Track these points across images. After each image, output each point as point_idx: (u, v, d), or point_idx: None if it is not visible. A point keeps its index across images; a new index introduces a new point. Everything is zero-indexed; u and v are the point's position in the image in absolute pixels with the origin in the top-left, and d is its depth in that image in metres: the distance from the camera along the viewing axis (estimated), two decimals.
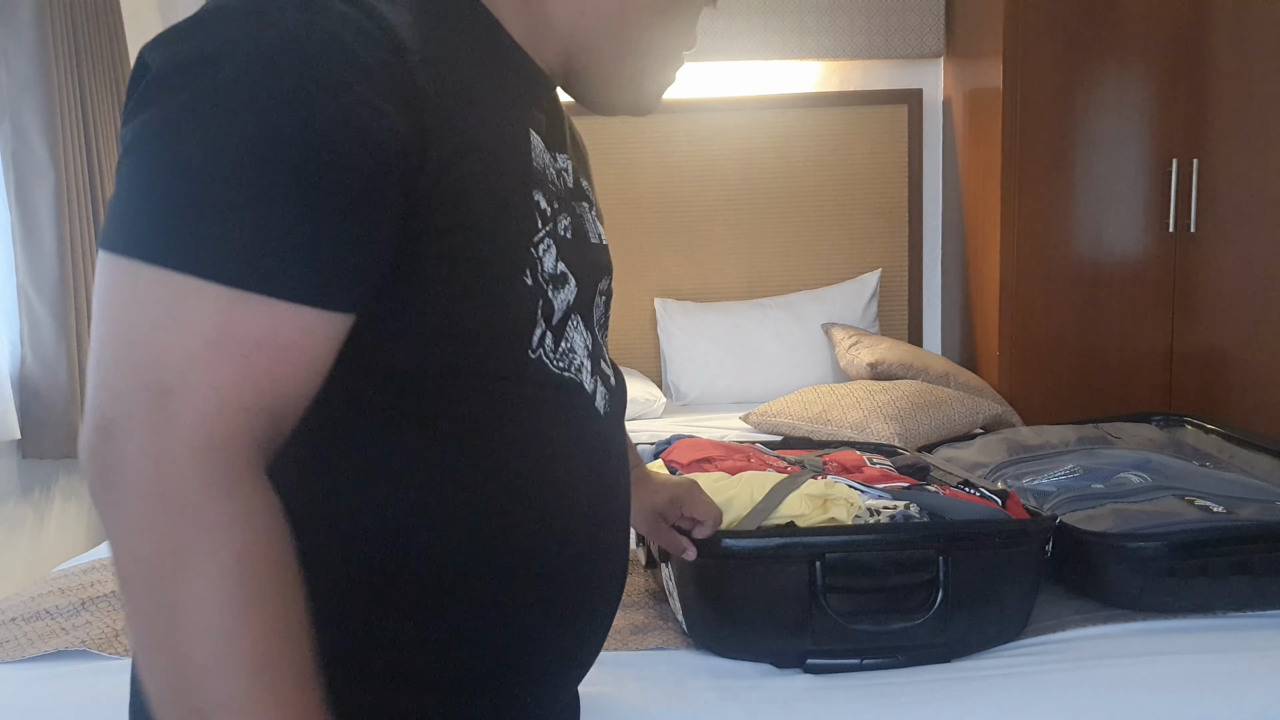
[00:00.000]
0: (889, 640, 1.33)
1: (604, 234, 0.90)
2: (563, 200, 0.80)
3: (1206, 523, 1.50)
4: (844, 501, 1.38)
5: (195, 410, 0.58)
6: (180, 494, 0.57)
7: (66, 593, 1.68)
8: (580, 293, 0.80)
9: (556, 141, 0.83)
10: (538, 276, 0.74)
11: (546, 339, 0.75)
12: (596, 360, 0.84)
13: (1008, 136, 3.10)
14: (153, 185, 0.60)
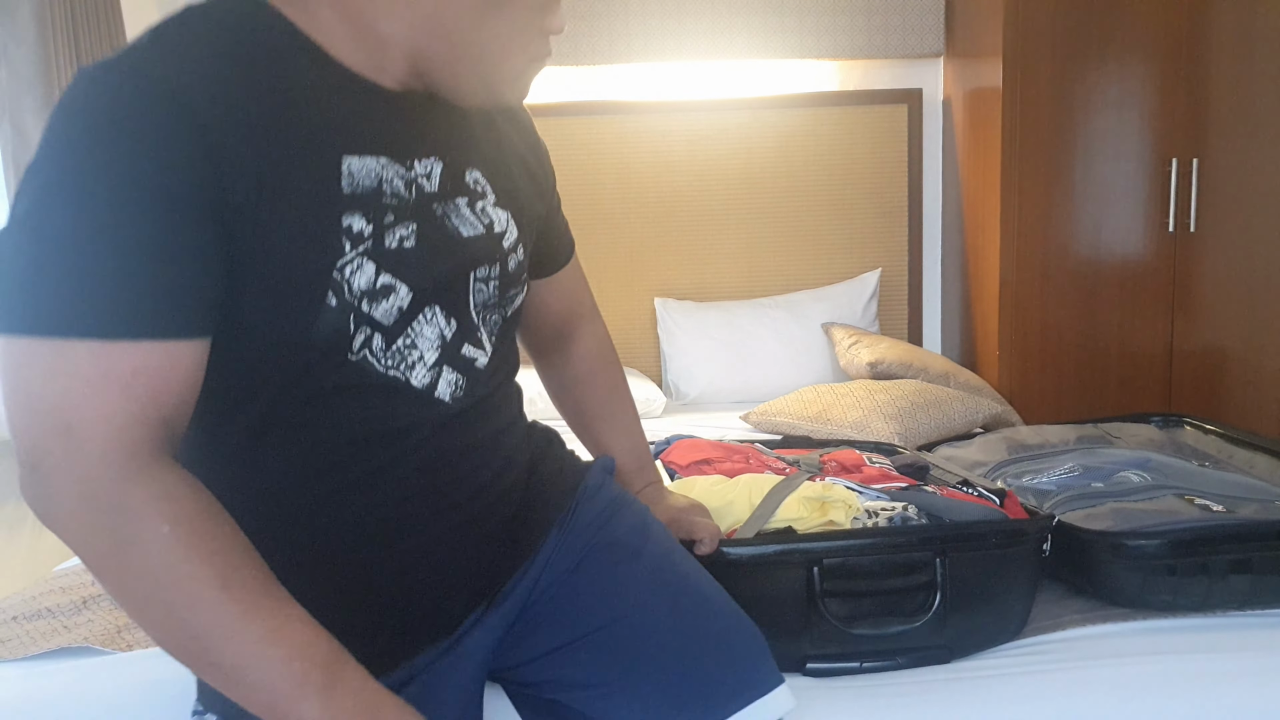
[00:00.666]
0: (888, 643, 1.33)
1: (500, 216, 0.98)
2: (404, 209, 0.89)
3: (1206, 521, 1.50)
4: (842, 504, 1.38)
5: (95, 436, 0.74)
6: (107, 498, 0.74)
7: (68, 591, 1.68)
8: (428, 287, 0.89)
9: (411, 146, 0.91)
10: (343, 297, 0.84)
11: (374, 340, 0.87)
12: (458, 346, 0.93)
13: (1007, 136, 3.11)
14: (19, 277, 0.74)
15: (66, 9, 2.77)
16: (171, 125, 0.76)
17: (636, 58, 3.55)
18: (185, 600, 0.74)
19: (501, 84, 0.92)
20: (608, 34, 3.53)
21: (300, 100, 0.84)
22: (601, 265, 3.63)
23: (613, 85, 3.62)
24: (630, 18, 3.53)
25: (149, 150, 0.75)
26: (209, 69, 0.79)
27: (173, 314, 0.77)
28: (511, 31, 0.89)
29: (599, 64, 3.55)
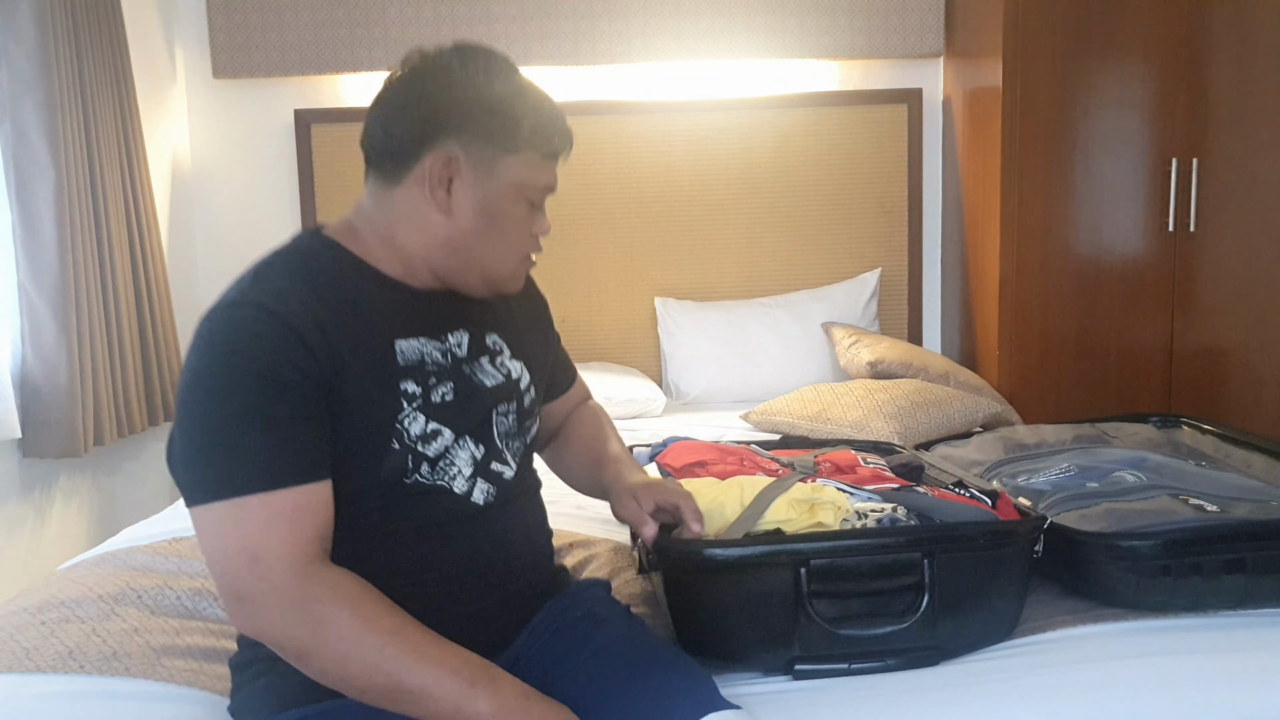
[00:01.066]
0: (876, 644, 1.33)
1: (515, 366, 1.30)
2: (443, 372, 1.21)
3: (1200, 521, 1.50)
4: (831, 505, 1.38)
5: (280, 556, 1.03)
6: (298, 599, 1.03)
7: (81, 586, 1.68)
8: (461, 427, 1.20)
9: (445, 325, 1.23)
10: (404, 442, 1.15)
11: (422, 467, 1.17)
12: (487, 464, 1.23)
13: (1007, 136, 3.11)
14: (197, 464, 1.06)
15: (66, 9, 2.78)
16: (282, 338, 1.07)
17: (636, 58, 3.55)
18: (374, 654, 1.02)
19: (501, 281, 1.25)
20: (608, 34, 3.53)
21: (361, 304, 1.17)
22: (601, 265, 3.64)
23: (613, 85, 3.62)
24: (630, 18, 3.53)
25: (270, 357, 1.06)
26: (297, 294, 1.12)
27: (308, 465, 1.07)
28: (506, 242, 1.22)
29: (599, 64, 3.55)
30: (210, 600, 1.66)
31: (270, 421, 1.05)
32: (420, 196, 1.18)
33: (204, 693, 1.38)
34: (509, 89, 1.19)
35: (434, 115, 1.16)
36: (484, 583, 1.23)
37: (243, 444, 1.05)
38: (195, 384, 1.07)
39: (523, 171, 1.20)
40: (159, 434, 3.33)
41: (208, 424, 1.06)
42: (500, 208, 1.20)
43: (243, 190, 3.68)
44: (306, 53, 3.52)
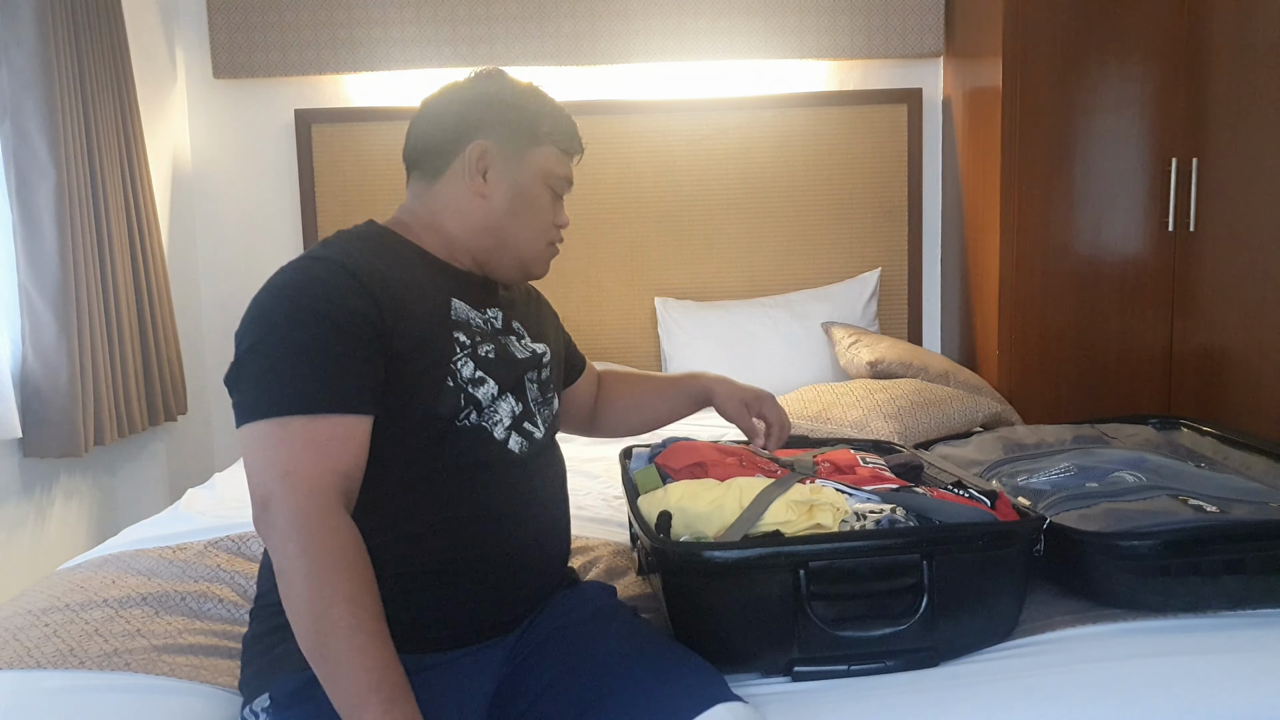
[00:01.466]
0: (875, 646, 1.33)
1: (540, 345, 1.44)
2: (486, 335, 1.35)
3: (1200, 521, 1.50)
4: (830, 506, 1.38)
5: (307, 478, 1.13)
6: (307, 520, 1.11)
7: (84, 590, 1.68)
8: (504, 384, 1.32)
9: (482, 302, 1.39)
10: (457, 380, 1.27)
11: (471, 415, 1.28)
12: (521, 422, 1.36)
13: (1007, 136, 3.11)
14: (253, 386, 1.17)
15: (67, 9, 2.78)
16: (345, 282, 1.21)
17: (637, 57, 3.55)
18: (326, 604, 1.08)
19: (531, 262, 1.42)
20: (608, 34, 3.53)
21: (417, 272, 1.32)
22: (601, 265, 3.64)
23: (613, 85, 3.62)
24: (631, 17, 3.53)
25: (331, 299, 1.19)
26: (362, 255, 1.26)
27: (351, 398, 1.18)
28: (534, 224, 1.40)
29: (599, 64, 3.56)
30: (215, 602, 1.66)
31: (322, 355, 1.17)
32: (460, 186, 1.37)
33: (205, 686, 1.39)
34: (528, 94, 1.40)
35: (467, 116, 1.37)
36: (513, 530, 1.31)
37: (296, 369, 1.16)
38: (261, 316, 1.19)
39: (546, 161, 1.40)
40: (159, 433, 3.33)
41: (267, 350, 1.17)
42: (529, 192, 1.38)
43: (243, 190, 3.68)
44: (307, 53, 3.52)
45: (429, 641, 1.26)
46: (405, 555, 1.24)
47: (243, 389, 1.18)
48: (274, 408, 1.15)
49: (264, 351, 1.17)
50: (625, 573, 1.76)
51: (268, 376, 1.16)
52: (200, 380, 3.66)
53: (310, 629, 1.08)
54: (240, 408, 1.18)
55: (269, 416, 1.15)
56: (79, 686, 1.36)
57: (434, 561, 1.25)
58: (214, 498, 2.33)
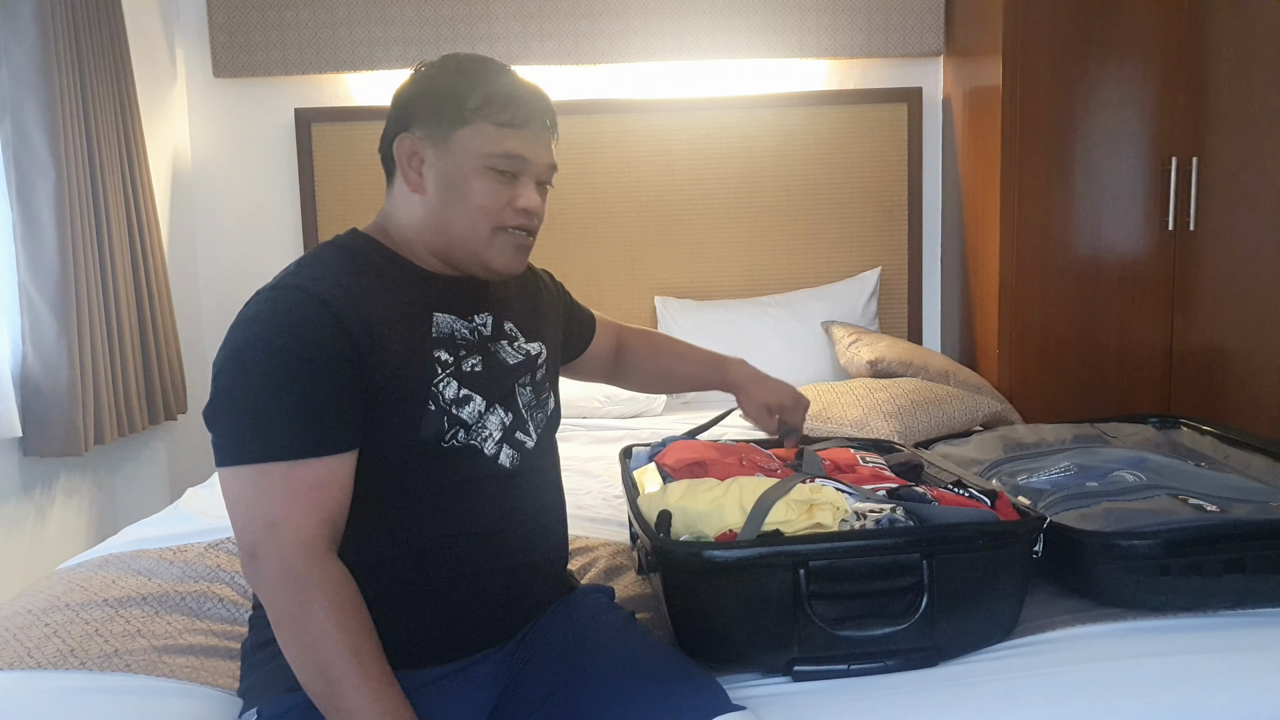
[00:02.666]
0: (875, 645, 1.33)
1: (532, 347, 1.40)
2: (473, 347, 1.31)
3: (1200, 521, 1.50)
4: (830, 506, 1.37)
5: (292, 530, 1.12)
6: (294, 573, 1.11)
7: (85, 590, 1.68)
8: (491, 397, 1.30)
9: (471, 308, 1.34)
10: (440, 402, 1.24)
11: (459, 434, 1.26)
12: (512, 433, 1.33)
13: (1007, 135, 3.11)
14: (230, 429, 1.15)
15: (67, 8, 2.78)
16: (318, 316, 1.17)
17: (637, 57, 3.55)
18: (329, 657, 1.09)
19: (485, 258, 1.31)
20: (608, 33, 3.53)
21: (396, 286, 1.28)
22: (602, 263, 3.64)
23: (613, 84, 3.62)
24: (631, 17, 3.53)
25: (306, 334, 1.16)
26: (336, 279, 1.22)
27: (331, 438, 1.16)
28: (471, 211, 1.28)
29: (599, 63, 3.56)
30: (215, 602, 1.66)
31: (298, 396, 1.14)
32: (403, 185, 1.32)
33: (205, 687, 1.39)
34: (456, 76, 1.31)
35: (398, 111, 1.34)
36: (504, 544, 1.30)
37: (272, 414, 1.14)
38: (235, 356, 1.17)
39: (475, 140, 1.28)
40: (159, 433, 3.33)
41: (243, 393, 1.15)
42: (460, 178, 1.28)
43: (243, 189, 3.68)
44: (307, 52, 3.52)
45: (425, 656, 1.25)
46: (395, 572, 1.24)
47: (220, 431, 1.16)
48: (253, 454, 1.13)
49: (239, 394, 1.15)
50: (625, 572, 1.76)
51: (244, 420, 1.15)
52: (200, 379, 3.66)
53: (316, 682, 1.10)
54: (218, 449, 1.16)
55: (248, 462, 1.14)
56: (79, 688, 1.37)
57: (425, 578, 1.25)
58: (214, 497, 2.33)
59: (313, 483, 1.14)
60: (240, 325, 1.19)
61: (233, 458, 1.14)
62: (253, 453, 1.13)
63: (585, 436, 2.89)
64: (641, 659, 1.26)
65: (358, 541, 1.21)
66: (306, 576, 1.11)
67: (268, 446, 1.13)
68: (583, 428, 2.98)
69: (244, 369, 1.15)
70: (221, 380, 1.17)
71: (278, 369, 1.14)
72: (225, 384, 1.16)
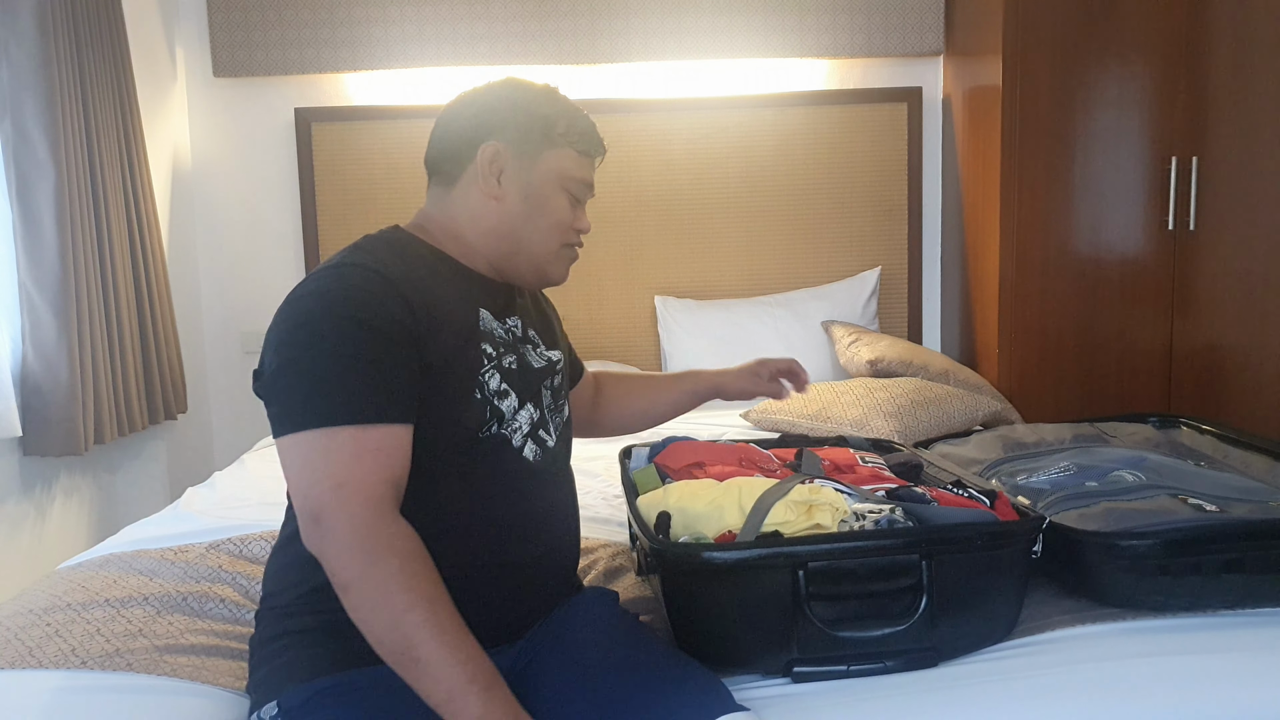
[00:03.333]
0: (875, 646, 1.33)
1: (552, 354, 1.44)
2: (509, 346, 1.36)
3: (1199, 521, 1.50)
4: (829, 507, 1.37)
5: (358, 490, 1.13)
6: (369, 530, 1.12)
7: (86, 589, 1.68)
8: (524, 394, 1.34)
9: (504, 311, 1.39)
10: (484, 393, 1.29)
11: (494, 426, 1.30)
12: (537, 429, 1.37)
13: (1007, 134, 3.11)
14: (295, 395, 1.16)
15: (67, 8, 2.78)
16: (384, 289, 1.21)
17: (637, 56, 3.55)
18: (403, 610, 1.08)
19: (546, 267, 1.40)
20: (608, 32, 3.53)
21: (444, 279, 1.32)
22: (602, 263, 3.64)
23: (613, 84, 3.62)
24: (631, 16, 3.53)
25: (370, 305, 1.19)
26: (393, 262, 1.26)
27: (397, 407, 1.18)
28: (547, 228, 1.37)
29: (599, 63, 3.56)
30: (216, 602, 1.66)
31: (367, 363, 1.17)
32: (474, 190, 1.36)
33: (207, 686, 1.38)
34: (545, 98, 1.39)
35: (481, 120, 1.36)
36: (526, 538, 1.33)
37: (341, 381, 1.16)
38: (300, 326, 1.19)
39: (561, 163, 1.37)
40: (159, 432, 3.33)
41: (309, 361, 1.17)
42: (542, 195, 1.36)
43: (243, 189, 3.68)
44: (307, 51, 3.52)
45: None
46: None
47: (284, 399, 1.17)
48: (322, 418, 1.15)
49: (307, 360, 1.17)
50: (625, 573, 1.76)
51: (312, 386, 1.16)
52: (200, 379, 3.66)
53: (392, 636, 1.09)
54: (281, 418, 1.17)
55: (316, 427, 1.14)
56: (81, 687, 1.36)
57: (445, 567, 1.22)
58: (214, 497, 2.33)
59: (381, 446, 1.16)
60: (306, 298, 1.21)
61: (299, 423, 1.15)
62: (322, 416, 1.14)
63: (583, 437, 2.89)
64: (645, 660, 1.26)
65: None
66: (377, 533, 1.11)
67: (338, 410, 1.15)
68: None
69: (315, 337, 1.17)
70: (288, 350, 1.18)
71: (348, 338, 1.17)
72: (292, 353, 1.18)
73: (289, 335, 1.19)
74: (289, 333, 1.19)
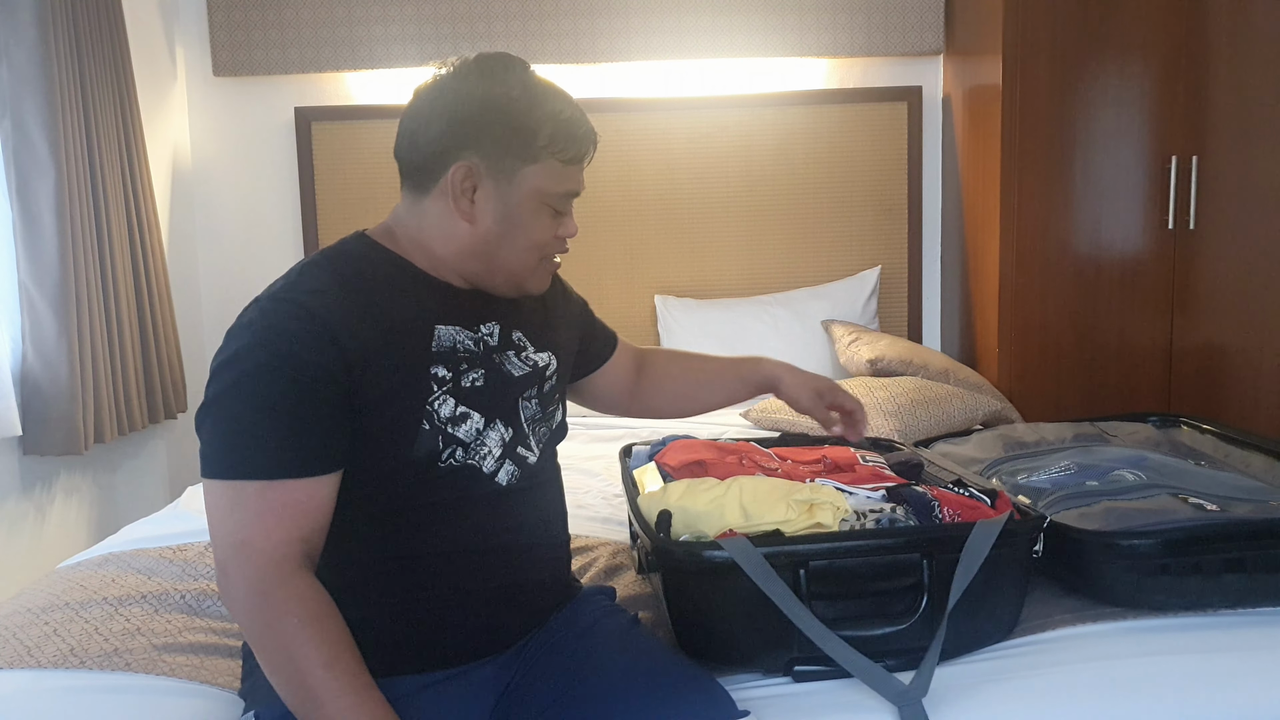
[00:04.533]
0: (876, 645, 1.32)
1: (541, 358, 1.35)
2: (478, 359, 1.27)
3: (1200, 520, 1.50)
4: (830, 506, 1.37)
5: (261, 550, 1.10)
6: (265, 590, 1.08)
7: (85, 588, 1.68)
8: (491, 413, 1.26)
9: (477, 318, 1.29)
10: (434, 422, 1.21)
11: (456, 453, 1.23)
12: (514, 448, 1.29)
13: (1007, 133, 3.10)
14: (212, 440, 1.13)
15: (67, 7, 2.78)
16: (312, 334, 1.14)
17: (637, 55, 3.55)
18: (303, 671, 1.07)
19: (524, 282, 1.31)
20: (608, 32, 3.53)
21: (400, 295, 1.24)
22: (602, 262, 3.64)
23: (613, 83, 3.62)
24: (631, 15, 3.53)
25: (297, 351, 1.12)
26: (333, 292, 1.19)
27: (311, 460, 1.13)
28: (527, 247, 1.27)
29: (599, 62, 3.55)
30: (215, 601, 1.66)
31: (284, 414, 1.12)
32: (446, 206, 1.25)
33: (205, 686, 1.39)
34: (527, 100, 1.23)
35: (455, 129, 1.23)
36: (503, 562, 1.28)
37: (253, 431, 1.11)
38: (227, 366, 1.14)
39: (542, 179, 1.25)
40: (159, 431, 3.33)
41: (228, 404, 1.13)
42: (521, 215, 1.25)
43: (243, 188, 3.68)
44: (307, 50, 3.52)
45: (420, 664, 1.24)
46: (388, 585, 1.22)
47: (204, 440, 1.15)
48: (230, 469, 1.11)
49: (227, 402, 1.13)
50: (625, 571, 1.76)
51: (226, 434, 1.12)
52: (200, 378, 3.65)
53: (296, 697, 1.08)
54: (202, 457, 1.15)
55: (225, 478, 1.11)
56: (80, 686, 1.37)
57: (419, 593, 1.23)
58: None
59: (287, 503, 1.11)
60: (235, 333, 1.17)
61: (212, 471, 1.13)
62: (229, 468, 1.11)
63: (585, 435, 2.89)
64: (644, 665, 1.24)
65: (350, 552, 1.20)
66: (275, 592, 1.08)
67: (244, 464, 1.11)
68: (582, 426, 2.98)
69: (233, 380, 1.13)
70: (212, 387, 1.15)
71: (264, 385, 1.12)
72: (214, 392, 1.14)
73: (219, 368, 1.15)
74: (220, 366, 1.15)
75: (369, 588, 1.21)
